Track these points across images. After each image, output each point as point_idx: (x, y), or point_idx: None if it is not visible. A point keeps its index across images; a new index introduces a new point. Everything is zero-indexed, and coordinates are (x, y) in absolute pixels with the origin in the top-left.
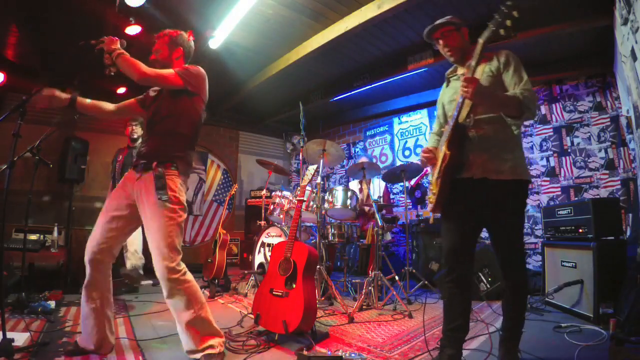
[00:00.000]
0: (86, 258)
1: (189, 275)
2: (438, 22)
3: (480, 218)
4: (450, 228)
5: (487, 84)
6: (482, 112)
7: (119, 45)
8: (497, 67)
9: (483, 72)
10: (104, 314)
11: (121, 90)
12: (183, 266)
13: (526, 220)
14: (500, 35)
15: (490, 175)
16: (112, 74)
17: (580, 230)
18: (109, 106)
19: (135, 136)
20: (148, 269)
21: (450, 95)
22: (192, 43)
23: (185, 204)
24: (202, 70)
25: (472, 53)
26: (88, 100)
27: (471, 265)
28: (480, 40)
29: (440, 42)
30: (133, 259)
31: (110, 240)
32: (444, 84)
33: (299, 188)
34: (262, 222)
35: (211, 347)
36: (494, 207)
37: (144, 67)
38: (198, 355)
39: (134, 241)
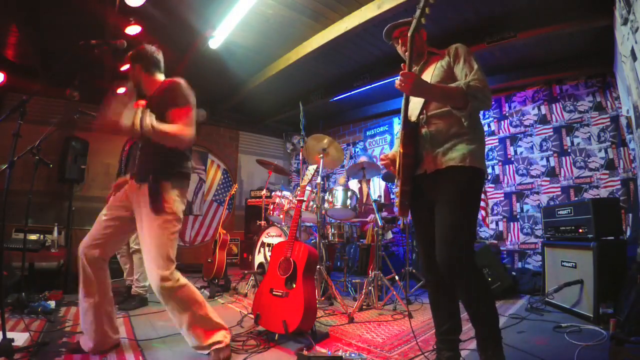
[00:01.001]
0: (79, 251)
1: (183, 280)
2: (397, 22)
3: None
4: (419, 230)
5: (439, 79)
6: (434, 108)
7: (140, 112)
8: (447, 61)
9: (435, 68)
10: (102, 310)
11: (121, 90)
12: (177, 275)
13: (526, 220)
14: (422, 24)
15: (441, 167)
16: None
17: (580, 230)
18: None
19: None
20: None
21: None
22: (155, 54)
23: (181, 215)
24: (183, 82)
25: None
26: None
27: None
28: (409, 34)
29: (400, 41)
30: (136, 285)
31: (106, 236)
32: None
33: (299, 188)
34: (262, 222)
35: (218, 342)
36: (440, 190)
37: (181, 129)
38: (206, 351)
39: (140, 269)
